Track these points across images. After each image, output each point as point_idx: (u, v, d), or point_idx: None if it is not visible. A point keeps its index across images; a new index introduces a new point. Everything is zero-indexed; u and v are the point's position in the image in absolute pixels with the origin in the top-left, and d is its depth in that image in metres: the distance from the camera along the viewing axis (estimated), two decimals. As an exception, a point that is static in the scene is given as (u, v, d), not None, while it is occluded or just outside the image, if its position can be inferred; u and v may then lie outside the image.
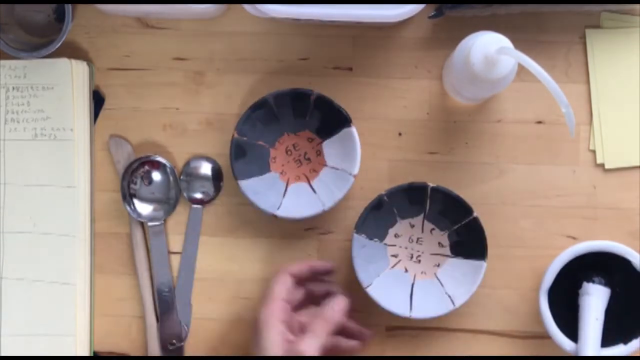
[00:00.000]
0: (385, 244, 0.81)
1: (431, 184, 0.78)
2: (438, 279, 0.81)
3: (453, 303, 0.78)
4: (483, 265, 0.78)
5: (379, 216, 0.80)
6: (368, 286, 0.78)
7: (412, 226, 0.82)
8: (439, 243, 0.82)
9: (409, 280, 0.81)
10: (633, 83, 0.82)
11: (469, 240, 0.79)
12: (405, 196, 0.79)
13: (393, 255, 0.82)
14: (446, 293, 0.79)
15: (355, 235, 0.79)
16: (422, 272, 0.81)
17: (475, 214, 0.78)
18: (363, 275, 0.78)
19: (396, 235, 0.82)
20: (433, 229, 0.81)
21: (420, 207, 0.80)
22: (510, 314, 0.83)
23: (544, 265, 0.80)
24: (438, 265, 0.81)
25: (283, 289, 0.74)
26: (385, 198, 0.79)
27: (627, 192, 0.83)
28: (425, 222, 0.81)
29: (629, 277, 0.78)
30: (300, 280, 0.78)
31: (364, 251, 0.79)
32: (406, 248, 0.82)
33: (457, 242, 0.81)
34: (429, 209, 0.80)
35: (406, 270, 0.81)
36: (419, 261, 0.82)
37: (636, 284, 0.77)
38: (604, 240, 0.78)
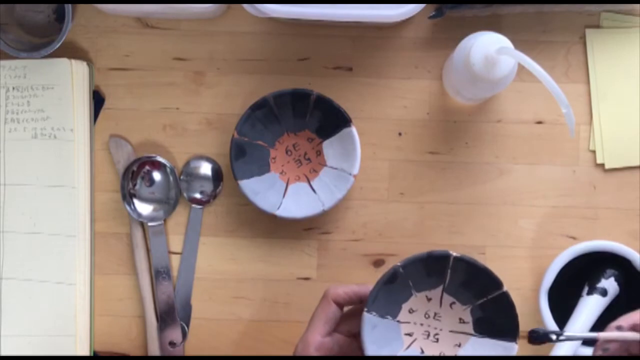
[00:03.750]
0: (399, 322, 0.71)
1: (454, 253, 0.68)
2: None
3: None
4: (514, 347, 0.68)
5: (392, 290, 0.70)
6: None
7: (429, 300, 0.71)
8: (460, 319, 0.71)
9: None
10: (633, 83, 0.82)
11: (496, 317, 0.69)
12: (423, 267, 0.69)
13: (407, 334, 0.71)
14: None
15: (366, 315, 0.68)
16: (440, 353, 0.71)
17: (505, 289, 0.68)
18: None
19: (410, 311, 0.71)
20: (453, 303, 0.71)
21: (439, 279, 0.70)
22: (510, 314, 0.83)
23: (544, 265, 0.80)
24: (459, 345, 0.71)
25: (322, 320, 0.71)
26: (401, 270, 0.69)
27: (627, 192, 0.83)
28: (445, 295, 0.71)
29: (629, 277, 0.78)
30: (347, 305, 0.73)
31: (375, 332, 0.69)
32: (422, 325, 0.71)
33: (481, 319, 0.70)
34: (449, 280, 0.70)
35: (422, 351, 0.71)
36: (437, 340, 0.71)
37: (636, 284, 0.77)
38: (604, 240, 0.78)
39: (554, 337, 0.66)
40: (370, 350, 0.68)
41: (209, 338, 0.84)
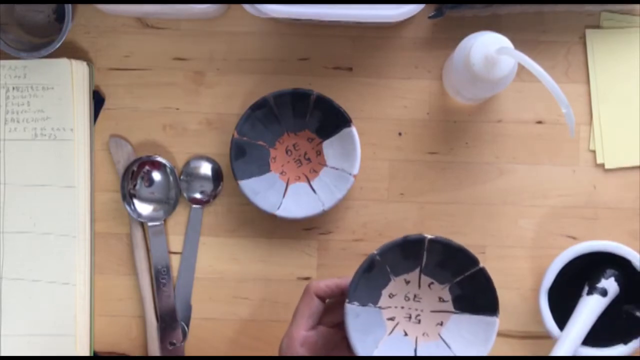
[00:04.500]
0: (380, 308, 0.72)
1: (428, 236, 0.70)
2: (443, 340, 0.72)
3: None
4: (495, 321, 0.70)
5: (371, 278, 0.71)
6: None
7: (408, 282, 0.73)
8: (440, 298, 0.73)
9: (411, 345, 0.72)
10: (633, 83, 0.82)
11: (474, 293, 0.71)
12: (400, 251, 0.71)
13: (389, 319, 0.73)
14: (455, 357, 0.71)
15: (348, 306, 0.69)
16: (424, 334, 0.72)
17: (481, 265, 0.70)
18: (361, 348, 0.69)
19: (390, 296, 0.73)
20: (432, 283, 0.73)
21: (416, 261, 0.72)
22: (510, 314, 0.83)
23: (544, 265, 0.80)
24: (441, 324, 0.72)
25: (305, 315, 0.72)
26: (378, 257, 0.70)
27: (627, 192, 0.83)
28: (422, 276, 0.72)
29: (629, 277, 0.78)
30: (329, 298, 0.73)
31: (358, 321, 0.70)
32: (403, 308, 0.73)
33: (460, 296, 0.72)
34: (426, 261, 0.72)
35: (406, 334, 0.72)
36: (419, 321, 0.73)
37: (636, 284, 0.77)
38: (604, 240, 0.78)
39: None
40: (355, 339, 0.69)
41: (209, 338, 0.84)
